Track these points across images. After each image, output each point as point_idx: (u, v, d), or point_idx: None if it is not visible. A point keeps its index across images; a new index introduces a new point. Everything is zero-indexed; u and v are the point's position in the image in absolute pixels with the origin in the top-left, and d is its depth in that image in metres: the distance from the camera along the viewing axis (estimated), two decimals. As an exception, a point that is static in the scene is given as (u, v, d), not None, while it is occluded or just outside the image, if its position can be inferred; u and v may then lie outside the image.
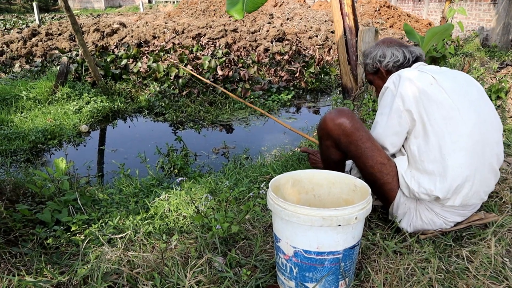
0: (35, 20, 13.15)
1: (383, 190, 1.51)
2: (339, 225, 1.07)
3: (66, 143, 4.00)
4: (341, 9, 3.44)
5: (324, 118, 1.53)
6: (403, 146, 1.50)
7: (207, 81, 4.94)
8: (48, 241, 1.68)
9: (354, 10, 3.46)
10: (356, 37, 3.46)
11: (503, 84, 3.39)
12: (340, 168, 1.63)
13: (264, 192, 1.56)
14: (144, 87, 5.60)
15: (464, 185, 1.39)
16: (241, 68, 6.05)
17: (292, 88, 5.92)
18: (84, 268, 1.33)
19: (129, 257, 1.35)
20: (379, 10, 10.44)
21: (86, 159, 3.39)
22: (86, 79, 5.49)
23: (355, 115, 1.49)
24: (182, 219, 1.76)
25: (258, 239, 1.50)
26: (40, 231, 1.76)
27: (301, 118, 4.98)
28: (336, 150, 1.55)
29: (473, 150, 1.38)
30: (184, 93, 5.35)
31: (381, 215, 1.71)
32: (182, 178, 1.58)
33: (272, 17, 9.60)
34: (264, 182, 1.77)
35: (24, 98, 4.84)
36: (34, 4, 12.39)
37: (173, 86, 5.48)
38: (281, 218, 1.13)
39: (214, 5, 10.82)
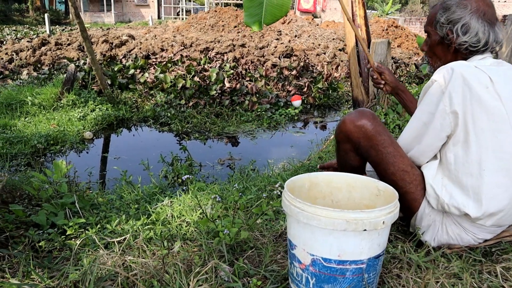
0: (46, 31, 13.34)
1: (405, 200, 1.38)
2: (365, 230, 0.94)
3: (69, 149, 3.91)
4: (354, 21, 3.38)
5: (344, 119, 1.41)
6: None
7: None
8: (40, 244, 1.56)
9: (366, 22, 3.40)
10: (369, 48, 3.39)
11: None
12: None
13: (278, 193, 1.45)
14: (150, 97, 5.55)
15: (501, 210, 1.25)
16: (249, 82, 6.01)
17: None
18: (76, 272, 1.21)
19: (127, 262, 1.23)
20: (386, 29, 10.47)
21: (88, 166, 3.30)
22: (92, 87, 5.45)
23: (377, 117, 1.37)
24: (186, 226, 1.64)
25: (268, 248, 1.37)
26: (33, 234, 1.65)
27: (308, 132, 4.89)
28: (355, 155, 1.43)
29: None
30: (190, 104, 5.28)
31: (400, 227, 1.58)
32: (188, 176, 1.47)
33: (280, 34, 9.64)
34: (279, 183, 1.65)
35: (29, 103, 4.79)
36: (46, 15, 12.57)
37: (179, 97, 5.42)
38: (298, 221, 1.01)
39: (223, 21, 10.91)
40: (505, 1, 22.64)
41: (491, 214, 1.25)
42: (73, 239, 1.65)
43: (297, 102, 2.34)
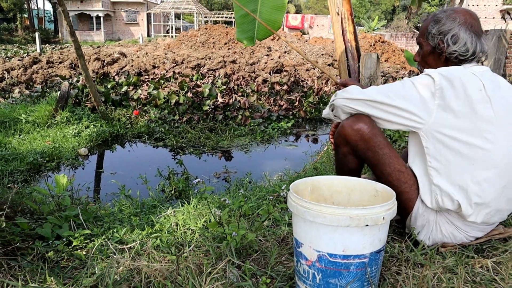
0: (36, 49, 13.37)
1: (401, 200, 1.46)
2: (367, 225, 1.02)
3: (65, 165, 3.93)
4: (343, 36, 3.53)
5: (342, 124, 1.50)
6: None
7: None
8: (49, 255, 1.60)
9: (356, 37, 3.55)
10: (359, 62, 3.52)
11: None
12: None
13: (284, 194, 1.52)
14: (144, 113, 5.61)
15: (488, 203, 1.36)
16: (241, 97, 6.12)
17: (291, 117, 5.97)
18: (89, 279, 1.25)
19: (139, 266, 1.28)
20: (374, 45, 10.77)
21: (85, 181, 3.32)
22: (86, 104, 5.49)
23: (373, 121, 1.47)
24: (191, 234, 1.70)
25: (272, 251, 1.43)
26: (40, 245, 1.69)
27: (301, 145, 4.99)
28: (353, 158, 1.52)
29: (505, 169, 1.34)
30: (184, 119, 5.36)
31: (396, 229, 1.66)
32: (199, 180, 1.53)
33: (270, 50, 9.84)
34: (284, 185, 1.73)
35: (23, 121, 4.81)
36: (37, 34, 12.63)
37: (173, 113, 5.49)
38: (304, 220, 1.08)
39: (213, 38, 11.10)
40: (485, 17, 23.51)
41: (480, 205, 1.34)
42: (79, 250, 1.69)
43: None
